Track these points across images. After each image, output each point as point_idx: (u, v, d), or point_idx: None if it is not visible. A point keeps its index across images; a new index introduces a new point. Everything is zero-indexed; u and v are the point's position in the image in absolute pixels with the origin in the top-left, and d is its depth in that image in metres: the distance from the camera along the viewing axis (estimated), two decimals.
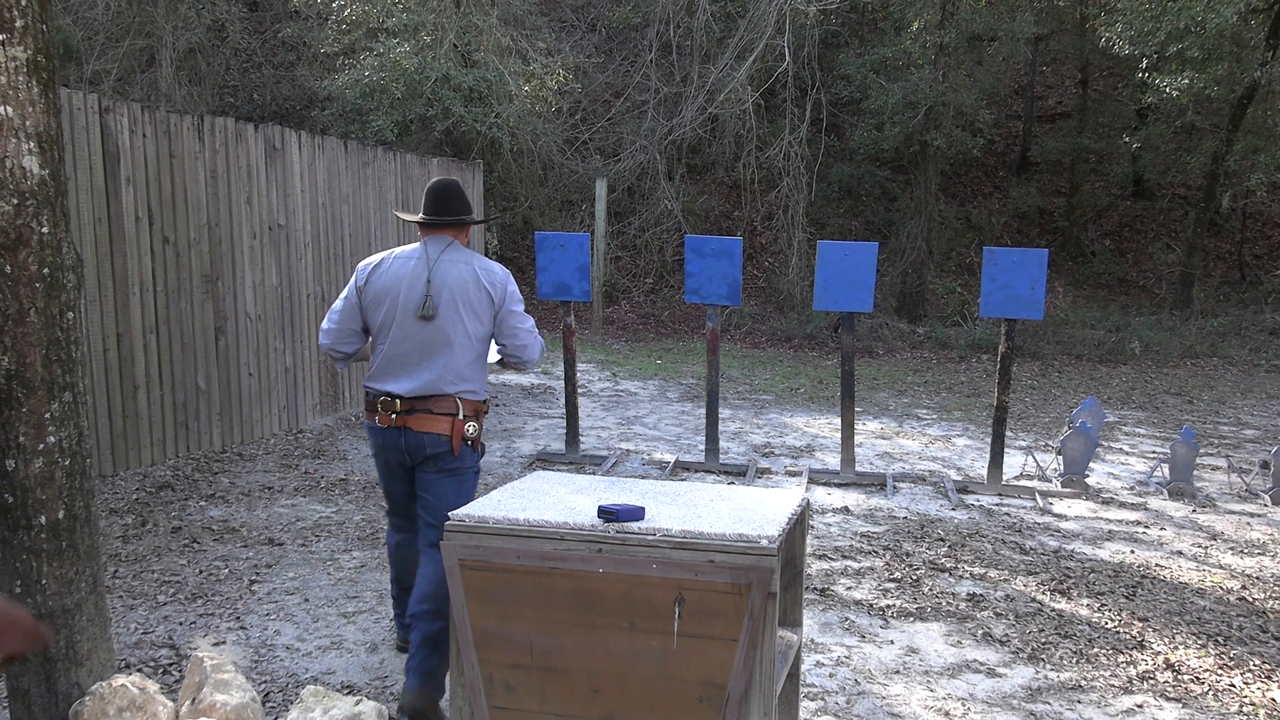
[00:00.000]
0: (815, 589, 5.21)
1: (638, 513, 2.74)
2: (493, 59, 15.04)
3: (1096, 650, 4.56)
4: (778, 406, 10.44)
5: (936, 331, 15.18)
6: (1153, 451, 8.82)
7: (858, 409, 10.14)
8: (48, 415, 3.02)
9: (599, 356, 13.43)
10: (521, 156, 16.35)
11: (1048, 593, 5.28)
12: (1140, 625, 4.87)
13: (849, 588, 5.26)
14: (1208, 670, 4.39)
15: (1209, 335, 14.99)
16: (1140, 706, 4.03)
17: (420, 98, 14.36)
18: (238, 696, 3.11)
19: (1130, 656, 4.51)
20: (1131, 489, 7.59)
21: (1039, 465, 7.84)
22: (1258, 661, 4.49)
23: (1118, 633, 4.77)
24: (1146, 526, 6.60)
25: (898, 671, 4.30)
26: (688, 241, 7.43)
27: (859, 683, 4.17)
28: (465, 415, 3.78)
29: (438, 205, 4.01)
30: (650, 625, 2.64)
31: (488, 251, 14.38)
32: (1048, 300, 15.23)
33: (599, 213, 15.40)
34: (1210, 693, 4.17)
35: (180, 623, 4.52)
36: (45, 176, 2.99)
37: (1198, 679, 4.30)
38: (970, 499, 7.15)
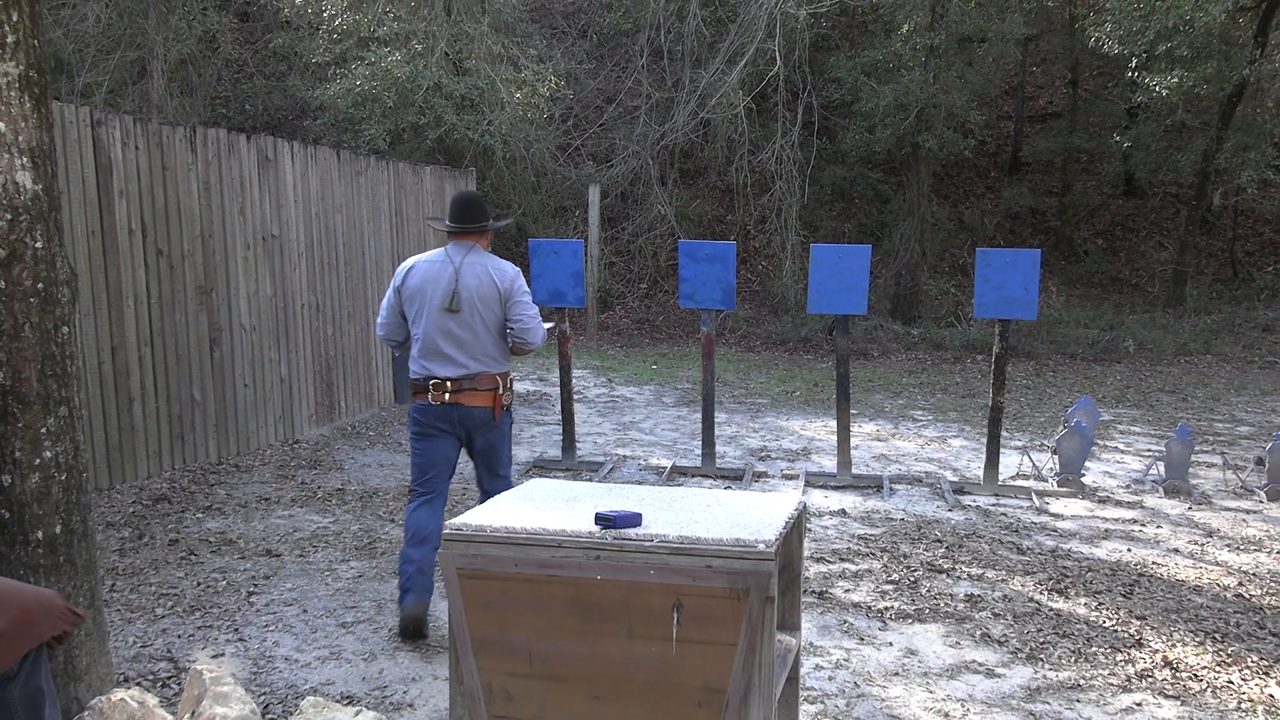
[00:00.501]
0: (813, 592, 5.21)
1: (635, 519, 2.74)
2: (484, 67, 15.06)
3: (1095, 649, 4.57)
4: (773, 410, 10.45)
5: (931, 333, 15.21)
6: (1148, 450, 8.84)
7: (853, 411, 10.15)
8: (44, 430, 3.02)
9: (594, 362, 13.43)
10: (514, 164, 16.36)
11: (1045, 592, 5.29)
12: (1138, 623, 4.88)
13: (847, 590, 5.27)
14: (1206, 667, 4.40)
15: (1202, 333, 15.04)
16: (1139, 704, 4.04)
17: (412, 106, 14.36)
18: (237, 709, 3.11)
19: (1128, 655, 4.52)
20: (1127, 487, 7.60)
21: (1035, 465, 7.85)
22: (1255, 658, 4.50)
23: (1115, 631, 4.78)
24: (1143, 525, 6.62)
25: (897, 673, 4.31)
26: (681, 246, 7.44)
27: (858, 685, 4.18)
28: (503, 388, 4.69)
29: (463, 215, 4.74)
30: (649, 631, 2.64)
31: None
32: (1041, 300, 15.29)
33: (592, 219, 15.41)
34: (1208, 690, 4.18)
35: (179, 635, 4.52)
36: (38, 191, 2.99)
37: (1196, 676, 4.31)
38: (967, 500, 7.16)
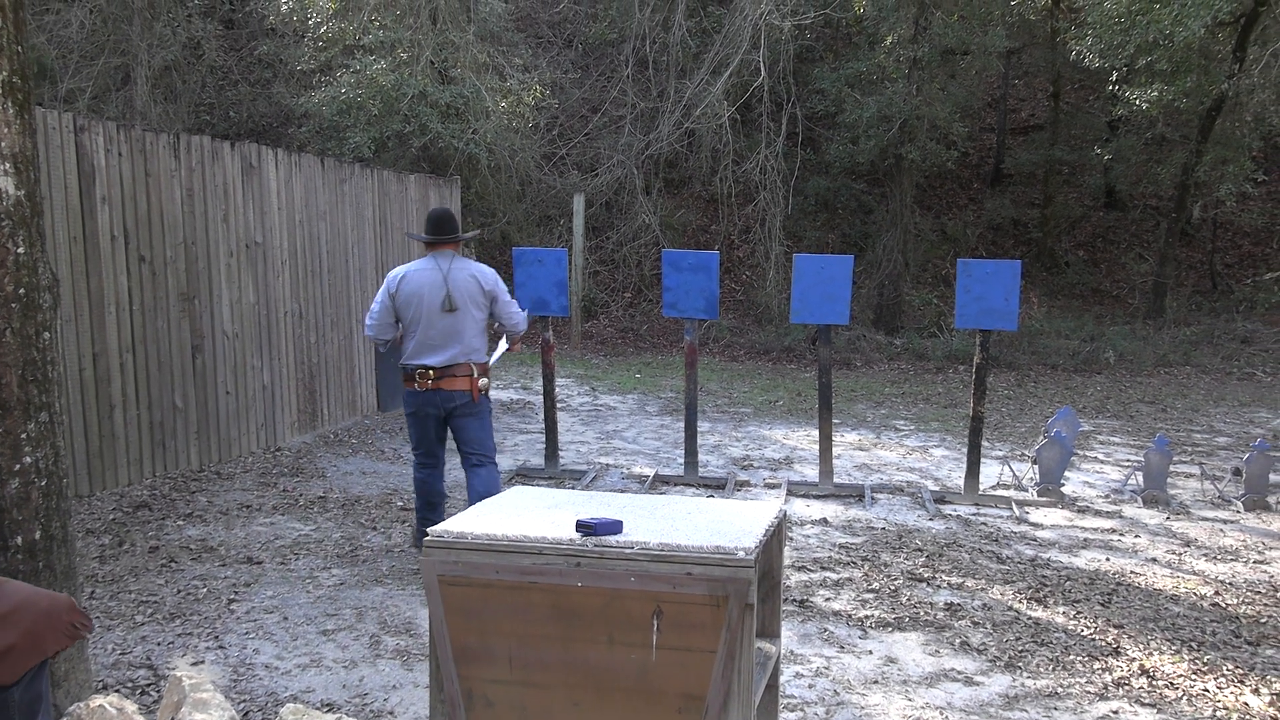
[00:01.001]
0: (794, 600, 5.23)
1: (615, 526, 2.76)
2: (469, 75, 15.08)
3: (1072, 657, 4.60)
4: (756, 419, 10.48)
5: (913, 343, 15.28)
6: (1127, 460, 8.90)
7: (836, 421, 10.19)
8: (24, 435, 3.02)
9: (578, 371, 13.44)
10: (499, 172, 16.38)
11: (1024, 601, 5.32)
12: (1115, 632, 4.92)
13: (828, 599, 5.29)
14: (1182, 676, 4.44)
15: (1182, 344, 15.15)
16: (1116, 713, 4.07)
17: (397, 114, 14.37)
18: (216, 716, 3.11)
19: (1106, 663, 4.55)
20: (1106, 497, 7.66)
21: (1015, 475, 7.90)
22: (1231, 666, 4.54)
23: (1093, 640, 4.82)
24: (1121, 534, 6.67)
25: (876, 681, 4.33)
26: (665, 256, 7.47)
27: (838, 693, 4.20)
28: (478, 375, 5.46)
29: (439, 229, 5.59)
30: (629, 638, 2.65)
31: None
32: (1022, 311, 15.37)
33: (577, 228, 15.44)
34: (1184, 698, 4.22)
35: (158, 643, 4.50)
36: (21, 197, 2.99)
37: (1172, 684, 4.35)
38: (948, 509, 7.20)
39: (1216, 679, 4.41)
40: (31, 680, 2.47)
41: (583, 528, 2.73)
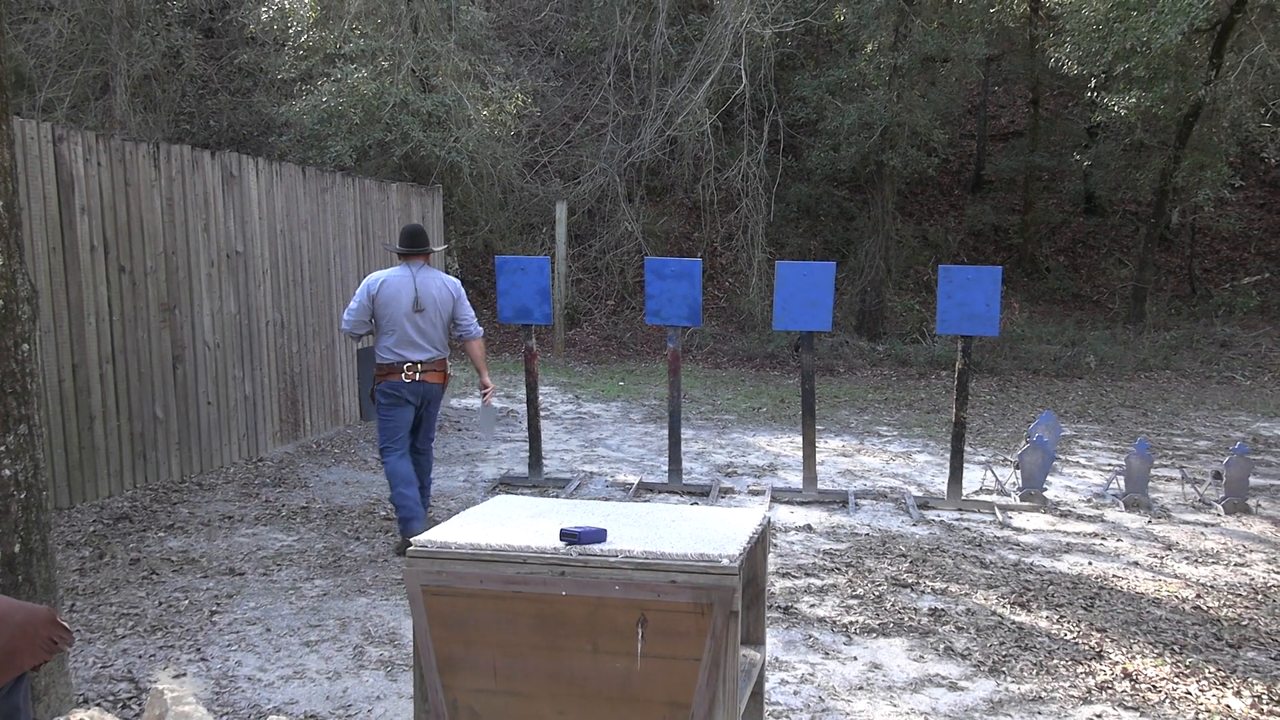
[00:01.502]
0: (779, 607, 5.24)
1: (600, 534, 2.75)
2: (451, 84, 15.07)
3: (1056, 661, 4.62)
4: (740, 426, 10.49)
5: (896, 349, 15.34)
6: (1109, 464, 8.96)
7: (819, 427, 10.21)
8: (2, 448, 2.99)
9: (561, 379, 13.43)
10: (481, 180, 16.37)
11: (1008, 606, 5.34)
12: (1098, 636, 4.94)
13: (812, 605, 5.30)
14: (1164, 678, 4.46)
15: (1162, 348, 15.26)
16: (1099, 716, 4.09)
17: (379, 123, 14.34)
18: None
19: (1089, 667, 4.57)
20: (1088, 501, 7.70)
21: (998, 480, 7.93)
22: (1213, 669, 4.57)
23: (1076, 644, 4.84)
24: (1103, 538, 6.70)
25: (861, 687, 4.33)
26: (648, 263, 7.48)
27: (823, 700, 4.20)
28: (447, 369, 6.33)
29: (411, 242, 6.31)
30: (614, 646, 2.65)
31: (449, 273, 14.41)
32: (1004, 316, 15.46)
33: (559, 236, 15.43)
34: (1167, 700, 4.24)
35: (140, 655, 4.47)
36: None
37: (1155, 687, 4.37)
38: (931, 514, 7.22)
39: (1199, 681, 4.44)
40: (8, 694, 2.44)
41: (567, 536, 2.73)
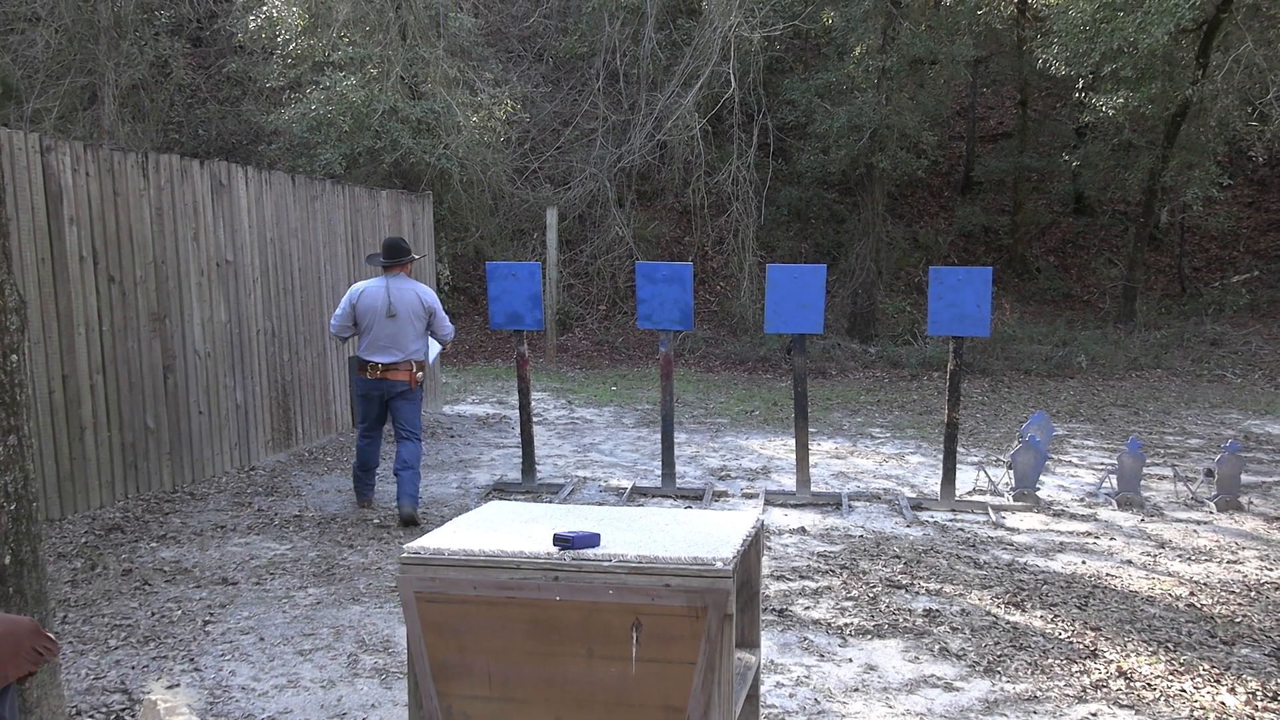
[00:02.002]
0: (773, 610, 5.23)
1: (593, 539, 2.75)
2: (440, 90, 15.07)
3: (1051, 661, 4.63)
4: (733, 429, 10.49)
5: (888, 351, 15.36)
6: (1101, 463, 8.97)
7: (812, 430, 10.22)
8: None
9: (554, 384, 13.42)
10: (471, 187, 16.36)
11: (1002, 606, 5.35)
12: (1093, 634, 4.95)
13: (807, 607, 5.30)
14: (1159, 676, 4.47)
15: (1152, 347, 15.31)
16: (1095, 715, 4.09)
17: (368, 130, 14.33)
18: None
19: (1084, 666, 4.58)
20: (1081, 500, 7.71)
21: (991, 480, 7.95)
22: (1207, 666, 4.58)
23: (1071, 643, 4.84)
24: (1097, 537, 6.71)
25: (857, 689, 4.33)
26: (639, 268, 7.48)
27: (819, 702, 4.20)
28: (416, 370, 6.89)
29: (389, 254, 6.96)
30: (608, 651, 2.65)
31: (439, 282, 14.44)
32: (995, 317, 15.50)
33: (550, 241, 15.43)
34: (1162, 699, 4.25)
35: (132, 666, 4.45)
36: None
37: (1149, 685, 4.37)
38: (924, 515, 7.23)
39: (1193, 679, 4.44)
40: None
41: (560, 541, 2.73)
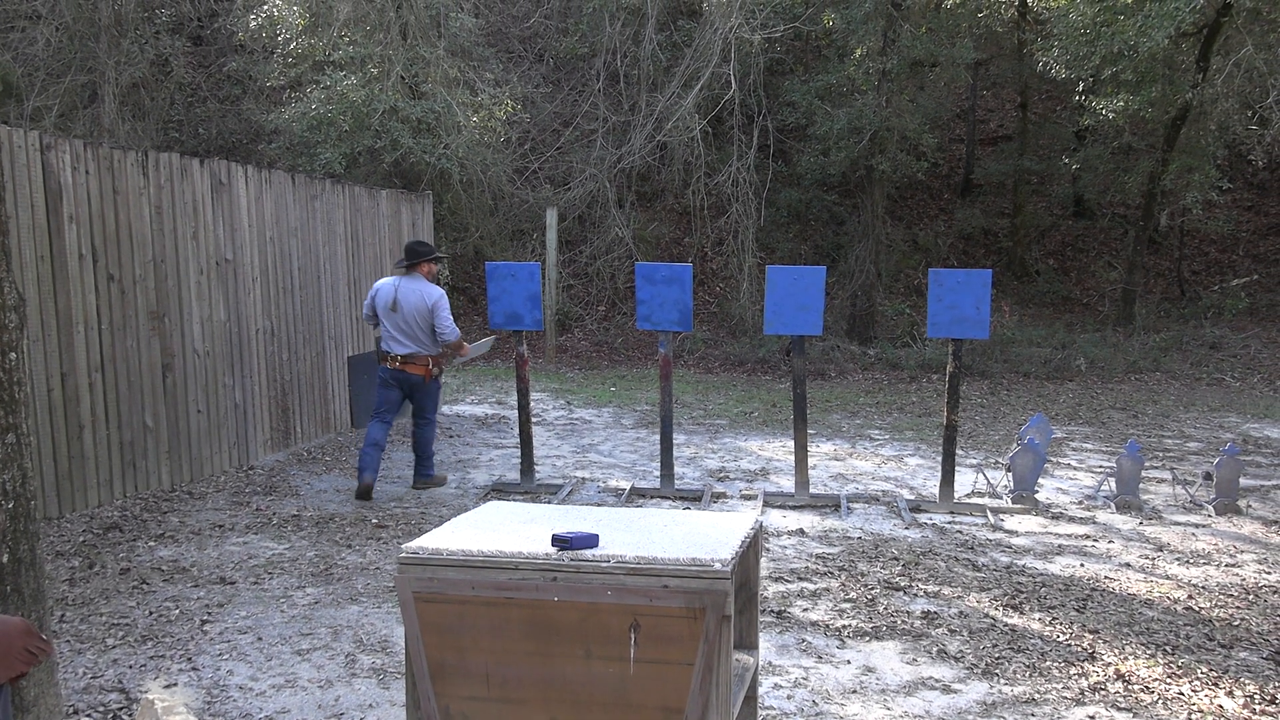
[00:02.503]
0: (772, 611, 5.23)
1: (592, 540, 2.74)
2: (440, 90, 15.06)
3: (1049, 663, 4.63)
4: (732, 431, 10.49)
5: (887, 353, 15.36)
6: (1100, 466, 8.97)
7: (811, 431, 10.22)
8: None
9: (553, 385, 13.42)
10: (471, 187, 16.36)
11: (1000, 608, 5.34)
12: (1091, 637, 4.94)
13: (805, 609, 5.29)
14: (1157, 679, 4.47)
15: (1151, 351, 15.31)
16: (1092, 717, 4.09)
17: (368, 130, 14.33)
18: None
19: (1082, 668, 4.58)
20: (1080, 503, 7.71)
21: (989, 482, 7.94)
22: (1205, 669, 4.58)
23: (1069, 645, 4.84)
24: (1095, 540, 6.71)
25: (855, 691, 4.33)
26: (638, 269, 7.47)
27: (817, 703, 4.20)
28: (430, 364, 7.49)
29: (406, 255, 7.62)
30: (606, 652, 2.64)
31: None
32: (994, 319, 15.50)
33: (550, 242, 15.43)
34: (1160, 701, 4.25)
35: (130, 666, 4.45)
36: None
37: (1147, 688, 4.37)
38: (923, 518, 7.23)
39: (1191, 682, 4.44)
40: None
41: (559, 542, 2.72)
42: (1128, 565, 6.17)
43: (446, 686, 2.74)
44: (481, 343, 8.18)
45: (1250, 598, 5.59)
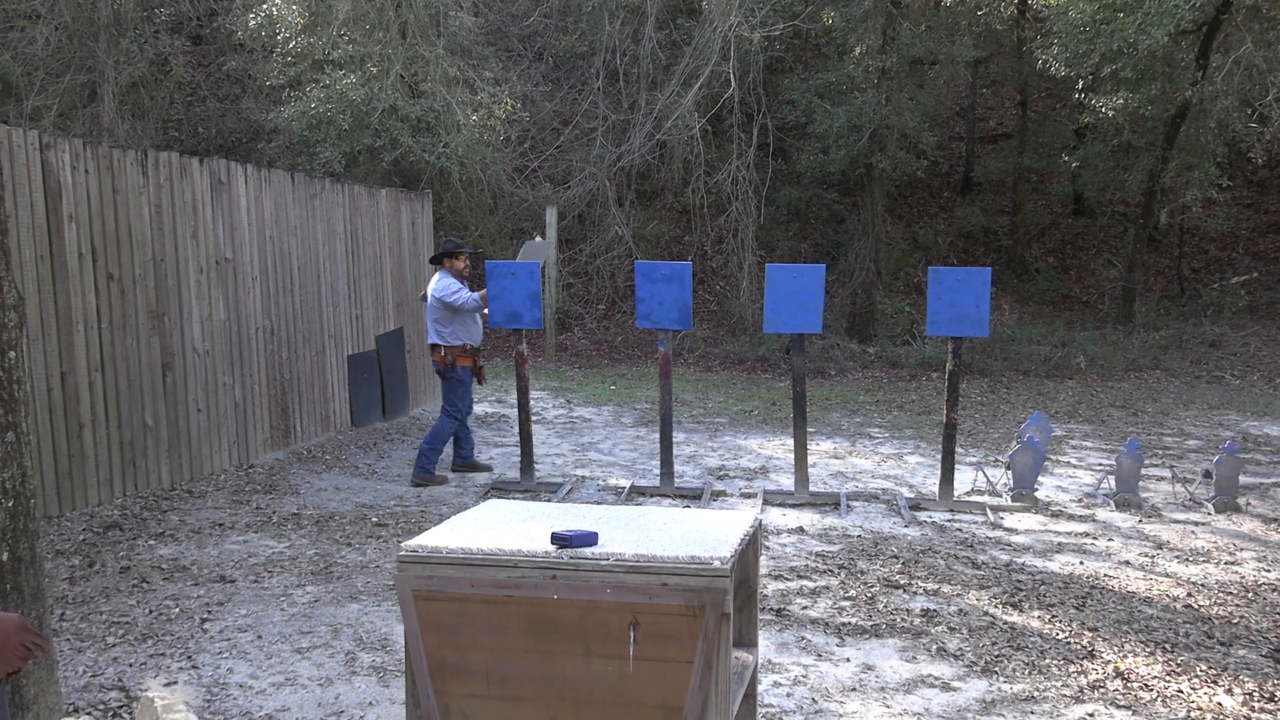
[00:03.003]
0: (771, 609, 5.24)
1: (591, 538, 2.75)
2: (440, 89, 15.06)
3: (1048, 661, 4.63)
4: (732, 429, 10.49)
5: (887, 351, 15.36)
6: (1099, 464, 8.98)
7: (811, 429, 10.22)
8: None
9: (553, 384, 13.42)
10: (471, 186, 16.36)
11: (1000, 606, 5.35)
12: (1090, 635, 4.95)
13: (805, 607, 5.30)
14: (1156, 677, 4.47)
15: (1151, 348, 15.31)
16: (1092, 715, 4.10)
17: (368, 129, 14.33)
18: None
19: (1081, 666, 4.58)
20: (1079, 501, 7.72)
21: (989, 480, 7.95)
22: (1204, 667, 4.58)
23: (1068, 643, 4.85)
24: (1095, 538, 6.72)
25: (854, 689, 4.33)
26: (638, 267, 7.48)
27: (816, 701, 4.20)
28: (446, 354, 8.04)
29: (432, 256, 8.81)
30: (606, 650, 2.65)
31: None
32: (994, 317, 15.50)
33: (549, 240, 15.43)
34: (1159, 699, 4.25)
35: (130, 664, 4.45)
36: None
37: (1147, 686, 4.38)
38: (923, 515, 7.23)
39: (1190, 680, 4.45)
40: None
41: (558, 540, 2.72)
42: (1127, 563, 6.17)
43: (446, 684, 2.74)
44: (532, 244, 8.86)
45: (1249, 595, 5.60)
